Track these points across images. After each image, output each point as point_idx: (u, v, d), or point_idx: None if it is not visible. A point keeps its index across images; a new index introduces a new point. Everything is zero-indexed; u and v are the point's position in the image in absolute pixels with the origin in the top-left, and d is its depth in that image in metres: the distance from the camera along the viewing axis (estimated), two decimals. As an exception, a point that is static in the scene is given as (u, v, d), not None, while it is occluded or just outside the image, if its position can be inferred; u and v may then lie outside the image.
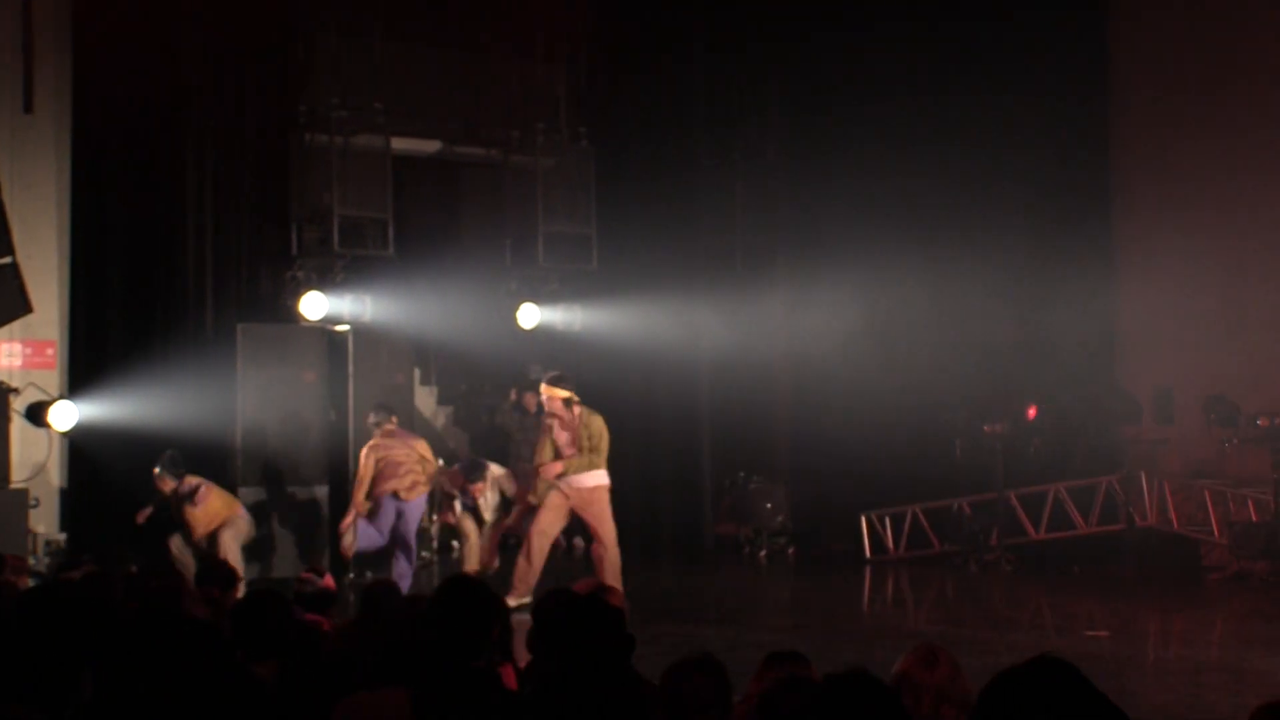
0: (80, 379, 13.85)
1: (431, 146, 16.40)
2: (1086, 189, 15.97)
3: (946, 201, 15.60)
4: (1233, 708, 7.76)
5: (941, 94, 15.65)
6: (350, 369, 14.49)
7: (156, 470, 12.48)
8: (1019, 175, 15.45)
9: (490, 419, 18.10)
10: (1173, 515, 14.67)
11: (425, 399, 17.71)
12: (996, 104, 15.37)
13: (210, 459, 14.06)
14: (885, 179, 15.71)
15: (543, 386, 12.28)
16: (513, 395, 17.82)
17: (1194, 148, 15.38)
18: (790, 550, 16.41)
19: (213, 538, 12.50)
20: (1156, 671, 9.68)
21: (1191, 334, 15.00)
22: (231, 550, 12.32)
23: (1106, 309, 15.83)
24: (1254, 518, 14.09)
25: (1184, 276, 15.08)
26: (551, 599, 4.96)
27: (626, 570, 11.63)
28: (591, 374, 16.79)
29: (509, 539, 13.35)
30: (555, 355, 17.63)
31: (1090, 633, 11.02)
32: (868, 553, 15.57)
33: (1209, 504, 14.45)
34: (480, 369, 18.06)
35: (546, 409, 12.11)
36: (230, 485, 13.96)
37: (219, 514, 12.62)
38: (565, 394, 11.97)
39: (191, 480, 12.57)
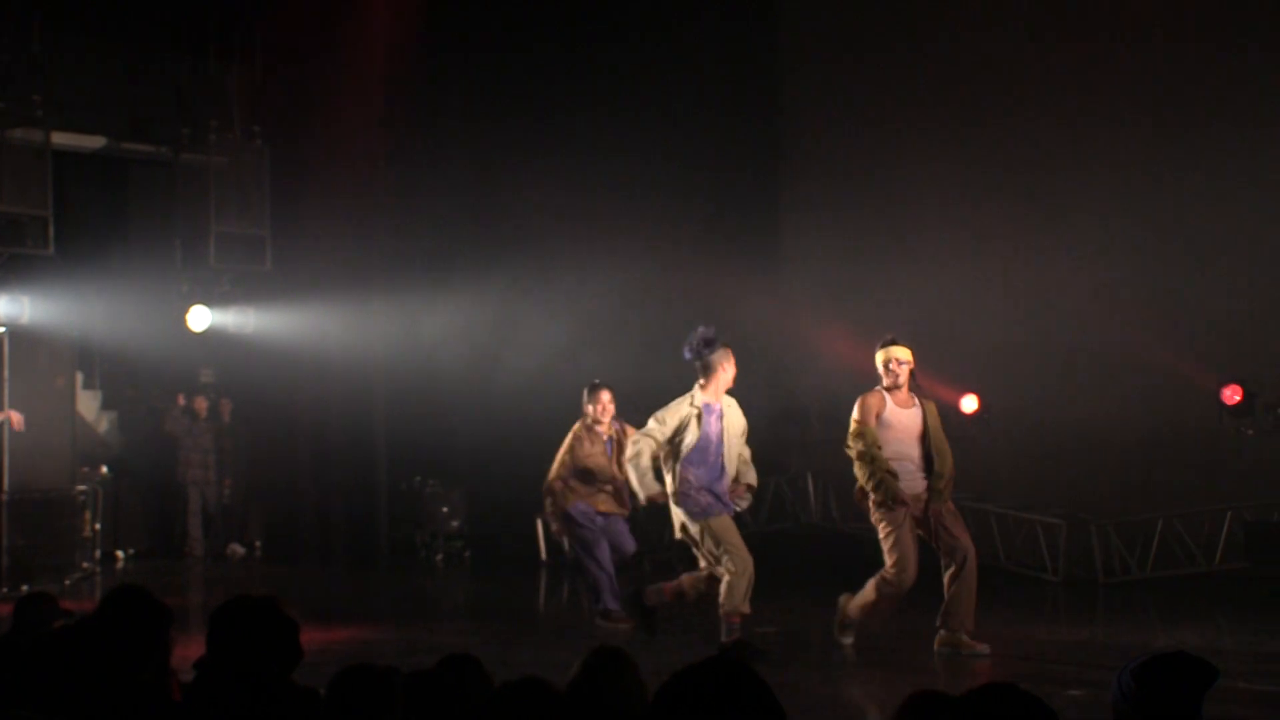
0: None
1: (96, 142, 15.84)
2: (756, 197, 16.55)
3: (623, 209, 15.88)
4: (889, 694, 8.10)
5: (617, 106, 15.92)
6: (5, 372, 13.86)
7: None
8: (692, 185, 15.90)
9: (158, 424, 17.56)
10: (836, 514, 15.25)
11: (88, 403, 17.05)
12: (671, 119, 15.76)
13: None
14: (562, 187, 15.87)
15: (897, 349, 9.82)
16: (180, 400, 17.33)
17: (855, 168, 16.10)
18: (466, 553, 16.42)
19: None
20: (821, 664, 10.03)
21: (852, 340, 15.59)
22: None
23: (775, 315, 16.35)
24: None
25: (847, 286, 15.70)
26: (227, 607, 4.84)
27: (299, 576, 11.44)
28: (265, 377, 16.49)
29: None
30: (227, 358, 17.25)
31: (759, 629, 11.33)
32: (543, 555, 15.69)
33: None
34: (148, 372, 17.54)
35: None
36: None
37: None
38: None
39: None
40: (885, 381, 9.81)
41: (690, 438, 9.78)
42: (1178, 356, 14.21)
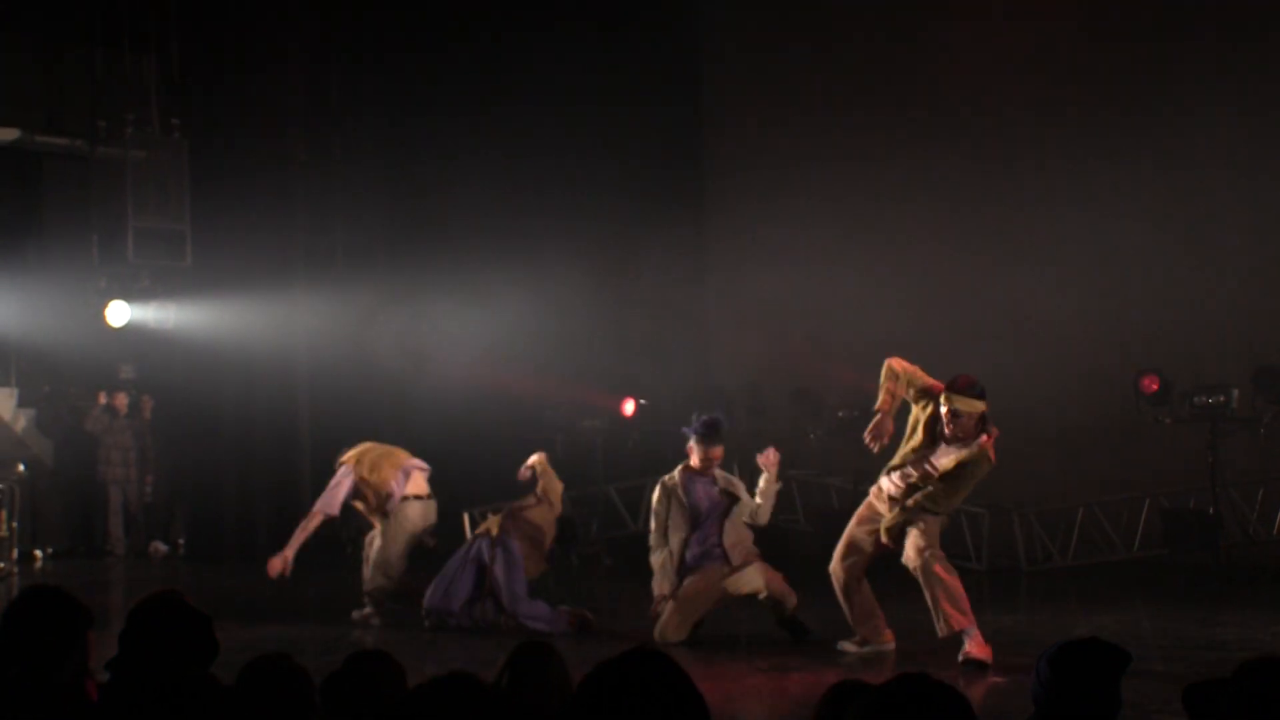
0: None
1: (9, 135, 15.63)
2: (679, 193, 16.54)
3: (544, 203, 15.88)
4: (816, 686, 8.15)
5: (541, 98, 15.89)
6: (-84, 371, 13.66)
7: None
8: (614, 178, 15.87)
9: (78, 421, 17.34)
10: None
11: (4, 401, 16.82)
12: (594, 108, 15.74)
13: None
14: (485, 181, 15.83)
15: (960, 399, 9.37)
16: (101, 398, 17.12)
17: (780, 152, 16.13)
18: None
19: None
20: (746, 656, 10.06)
21: (778, 331, 15.66)
22: None
23: (699, 308, 16.39)
24: (836, 506, 14.83)
25: (770, 277, 15.75)
26: (139, 607, 4.79)
27: (223, 574, 11.34)
28: (186, 373, 16.31)
29: None
30: (147, 354, 17.06)
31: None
32: (470, 549, 15.63)
33: (795, 494, 15.12)
34: (65, 369, 17.30)
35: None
36: None
37: None
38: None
39: None
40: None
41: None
42: (1096, 347, 14.37)
